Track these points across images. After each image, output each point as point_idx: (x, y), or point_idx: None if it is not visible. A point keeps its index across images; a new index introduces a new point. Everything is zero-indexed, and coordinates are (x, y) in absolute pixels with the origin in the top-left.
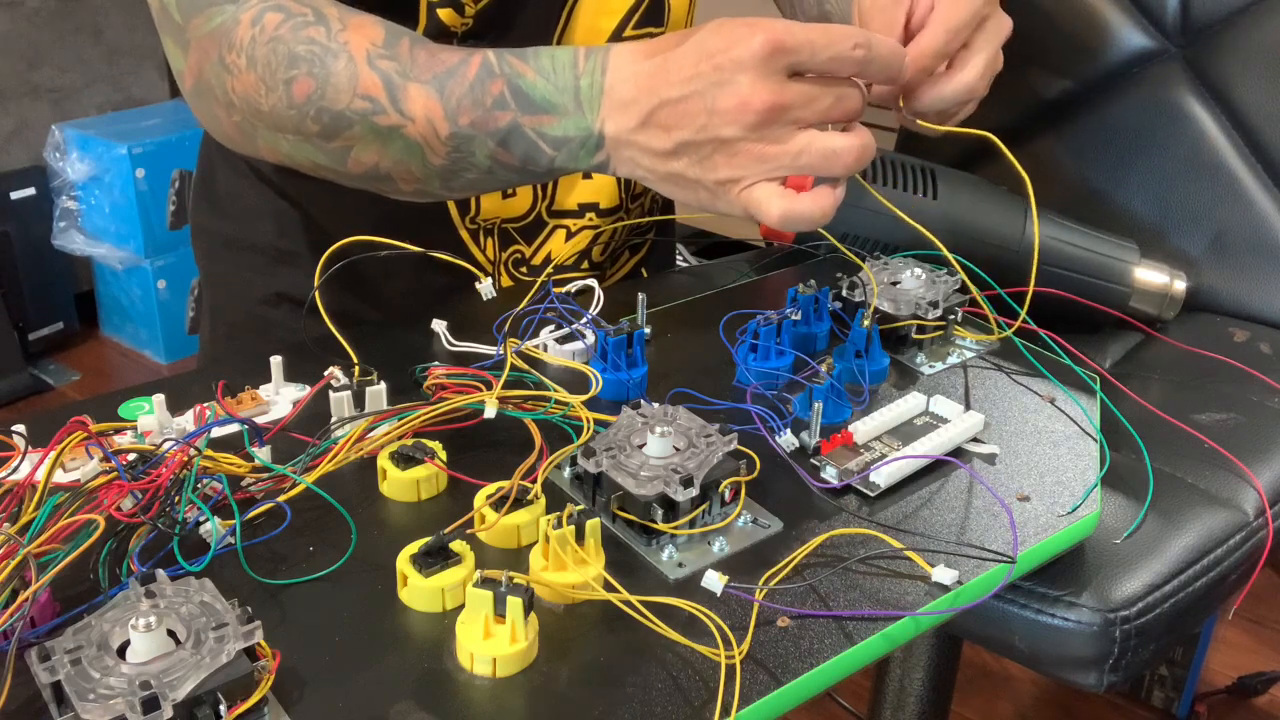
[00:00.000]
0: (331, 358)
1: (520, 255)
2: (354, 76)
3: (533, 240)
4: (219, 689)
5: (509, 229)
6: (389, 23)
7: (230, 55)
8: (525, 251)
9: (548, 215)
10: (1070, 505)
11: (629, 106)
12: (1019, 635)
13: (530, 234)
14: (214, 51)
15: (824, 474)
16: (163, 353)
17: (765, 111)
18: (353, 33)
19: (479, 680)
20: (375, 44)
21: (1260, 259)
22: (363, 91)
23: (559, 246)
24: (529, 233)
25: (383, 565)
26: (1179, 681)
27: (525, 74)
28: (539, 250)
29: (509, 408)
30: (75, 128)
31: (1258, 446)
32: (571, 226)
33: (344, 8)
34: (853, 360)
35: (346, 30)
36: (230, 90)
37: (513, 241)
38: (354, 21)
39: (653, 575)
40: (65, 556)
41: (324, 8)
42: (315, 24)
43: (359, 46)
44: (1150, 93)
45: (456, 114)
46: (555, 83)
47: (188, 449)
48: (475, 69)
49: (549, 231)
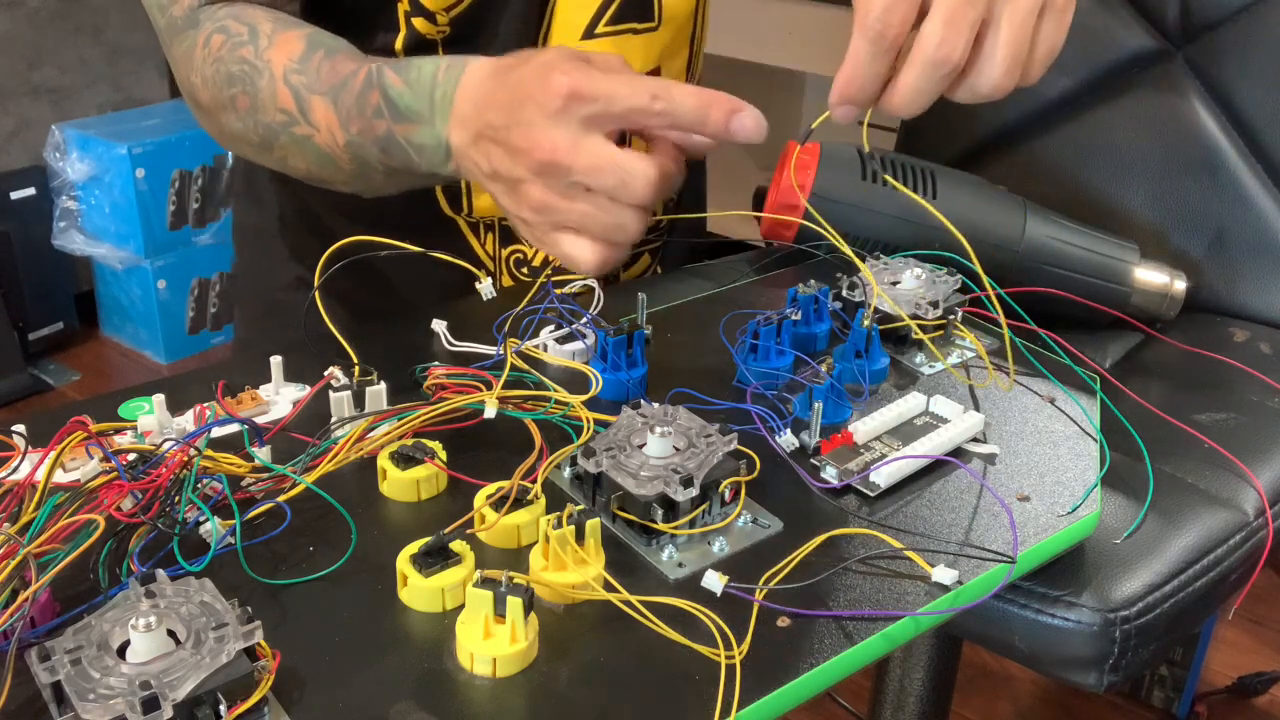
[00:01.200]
0: (331, 358)
1: (522, 255)
2: (274, 92)
3: None
4: (219, 689)
5: (510, 226)
6: (314, 36)
7: (193, 76)
8: (527, 252)
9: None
10: (1070, 505)
11: (465, 121)
12: (1019, 635)
13: None
14: (184, 72)
15: (824, 474)
16: (163, 353)
17: (546, 163)
18: (276, 50)
19: (479, 680)
20: (292, 59)
21: (1260, 259)
22: (280, 105)
23: None
24: None
25: (383, 565)
26: (1179, 681)
27: (395, 84)
28: (539, 251)
29: (509, 408)
30: (75, 128)
31: (1258, 446)
32: None
33: (279, 23)
34: (853, 360)
35: (272, 48)
36: (199, 106)
37: (514, 239)
38: (281, 38)
39: (653, 575)
40: (65, 556)
41: (260, 23)
42: (247, 43)
43: (279, 63)
44: (1151, 93)
45: (347, 123)
46: (417, 92)
47: (188, 449)
48: (360, 80)
49: None
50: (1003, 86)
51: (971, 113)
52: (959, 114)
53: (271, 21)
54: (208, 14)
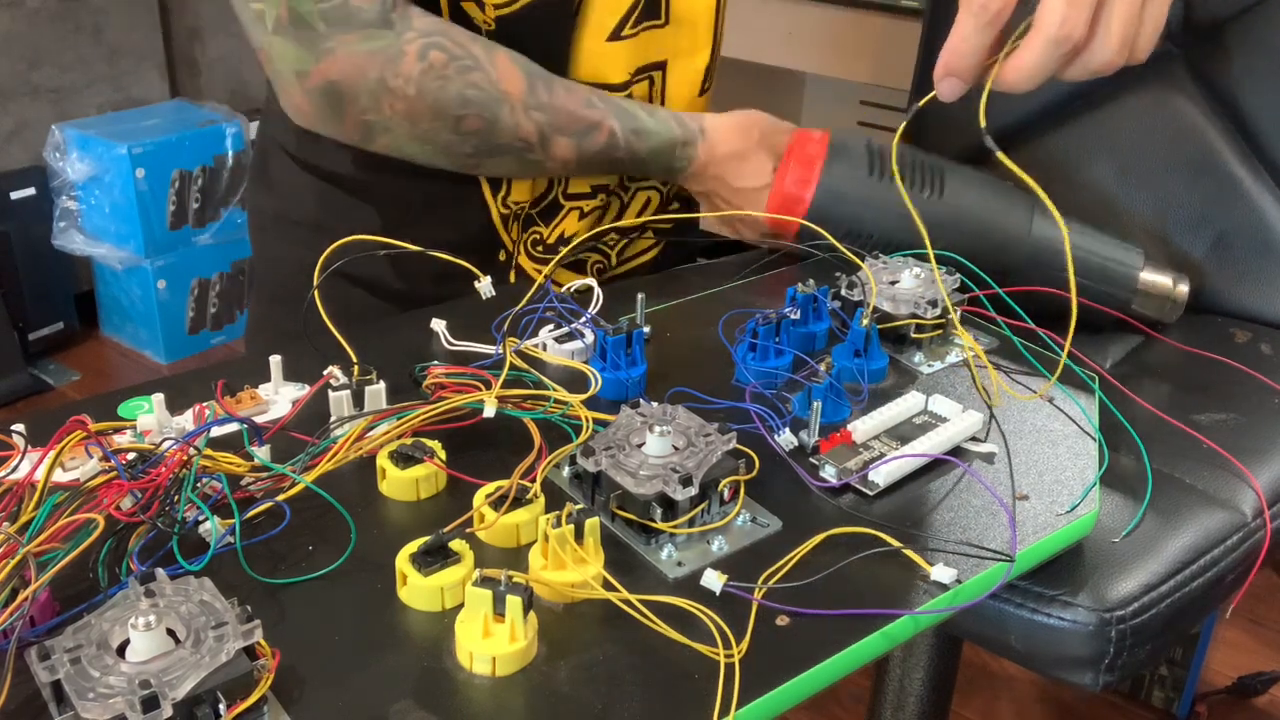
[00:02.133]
0: (331, 357)
1: (538, 236)
2: (515, 125)
3: (550, 221)
4: (218, 688)
5: (531, 213)
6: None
7: (396, 80)
8: (543, 232)
9: (564, 199)
10: (1069, 504)
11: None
12: (1015, 634)
13: (548, 216)
14: (374, 70)
15: (823, 473)
16: (162, 353)
17: None
18: (506, 82)
19: (478, 679)
20: (523, 93)
21: (1261, 260)
22: (522, 136)
23: (572, 225)
24: (546, 215)
25: (382, 564)
26: (1179, 681)
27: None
28: (554, 230)
29: (508, 407)
30: (75, 128)
31: (1257, 447)
32: (585, 207)
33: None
34: (852, 359)
35: (502, 80)
36: (388, 107)
37: (533, 224)
38: (500, 66)
39: (652, 574)
40: (65, 556)
41: (473, 49)
42: (475, 69)
43: (515, 96)
44: (1152, 94)
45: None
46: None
47: (187, 448)
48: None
49: (565, 213)
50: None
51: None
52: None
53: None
54: (403, 20)
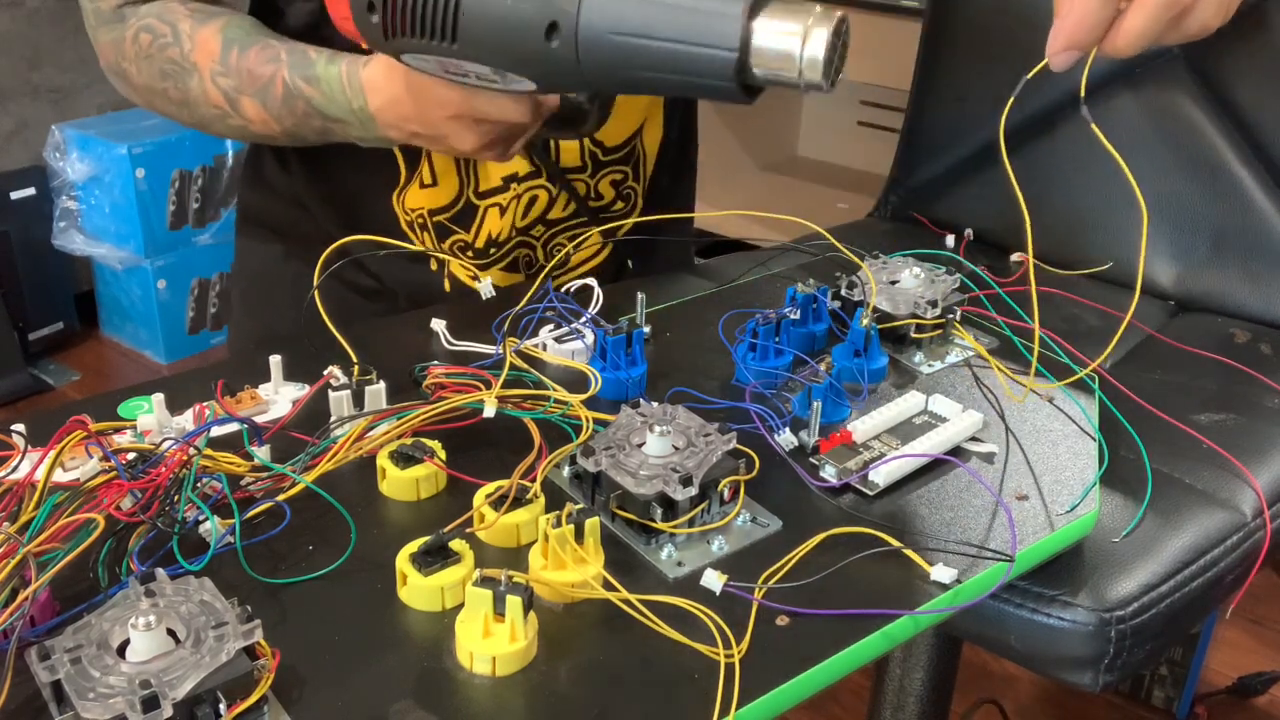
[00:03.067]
0: (331, 357)
1: (464, 241)
2: (204, 92)
3: (469, 226)
4: (219, 688)
5: (441, 221)
6: (227, 30)
7: (124, 63)
8: (466, 238)
9: (476, 198)
10: (1068, 504)
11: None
12: (1014, 634)
13: (464, 220)
14: (114, 57)
15: (823, 473)
16: (162, 353)
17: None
18: (198, 52)
19: (478, 679)
20: (214, 61)
21: (1260, 259)
22: (213, 103)
23: (495, 224)
24: (463, 219)
25: (382, 564)
26: (1179, 681)
27: (314, 96)
28: (479, 233)
29: (508, 407)
30: (75, 128)
31: (1257, 447)
32: (502, 202)
33: (196, 17)
34: (851, 359)
35: (195, 50)
36: (132, 85)
37: (450, 232)
38: (199, 38)
39: (652, 574)
40: (65, 555)
41: (179, 24)
42: (173, 44)
43: (204, 65)
44: (1151, 93)
45: (280, 118)
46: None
47: (187, 448)
48: (280, 87)
49: (482, 213)
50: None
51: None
52: (961, 116)
53: (189, 18)
54: (131, 11)
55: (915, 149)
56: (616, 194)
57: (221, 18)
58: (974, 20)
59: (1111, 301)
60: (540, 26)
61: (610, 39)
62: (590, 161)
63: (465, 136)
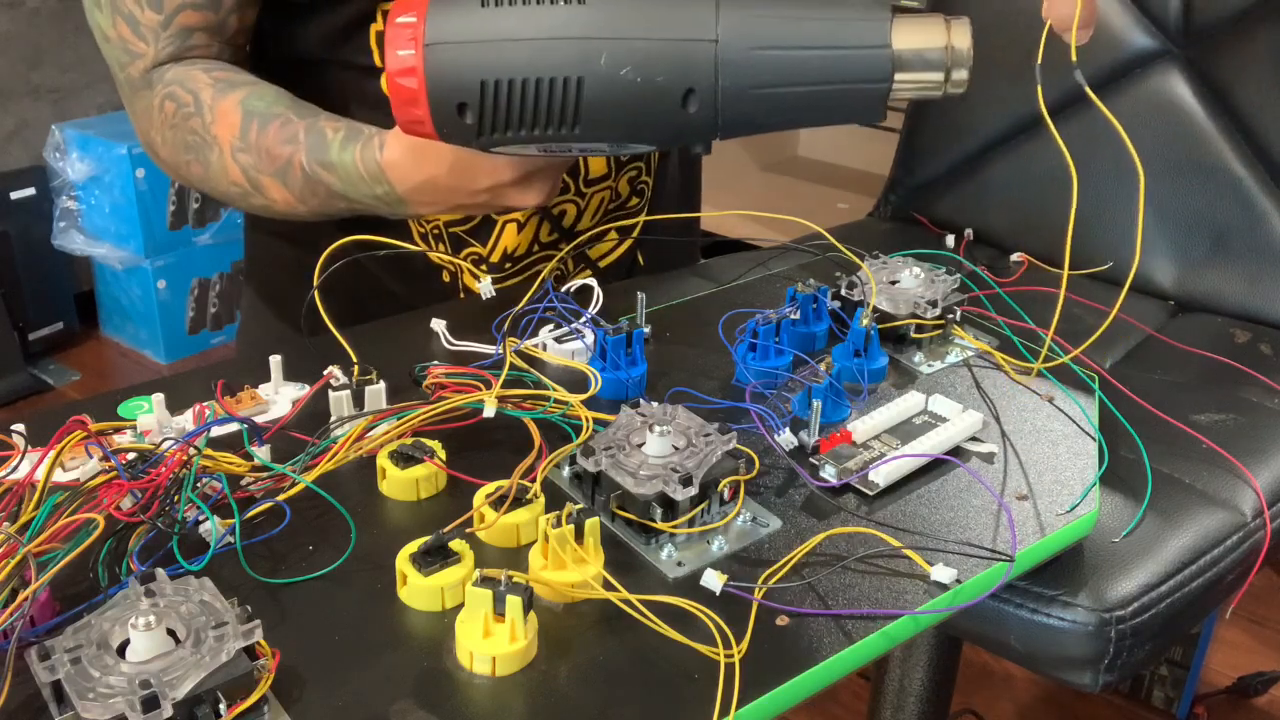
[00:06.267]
0: (331, 357)
1: (478, 255)
2: (224, 168)
3: (486, 240)
4: (218, 688)
5: (457, 232)
6: (247, 101)
7: (152, 132)
8: (482, 251)
9: (496, 214)
10: (1068, 504)
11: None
12: (1014, 635)
13: (482, 234)
14: (142, 127)
15: (823, 473)
16: (162, 353)
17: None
18: (219, 125)
19: (478, 679)
20: (234, 136)
21: (1260, 259)
22: (233, 180)
23: (512, 239)
24: (480, 233)
25: (382, 564)
26: (1179, 681)
27: (334, 183)
28: (495, 248)
29: (508, 407)
30: (75, 128)
31: (1257, 447)
32: (520, 219)
33: (217, 88)
34: (851, 359)
35: (216, 122)
36: (160, 159)
37: (465, 244)
38: (220, 110)
39: (652, 574)
40: (65, 555)
41: (201, 93)
42: (195, 114)
43: (225, 139)
44: (1152, 93)
45: (304, 200)
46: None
47: (187, 448)
48: (298, 171)
49: (500, 228)
50: None
51: (973, 115)
52: (961, 116)
53: (211, 88)
54: (158, 76)
55: (915, 149)
56: (632, 190)
57: (243, 88)
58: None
59: (1111, 301)
60: (676, 96)
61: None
62: (614, 166)
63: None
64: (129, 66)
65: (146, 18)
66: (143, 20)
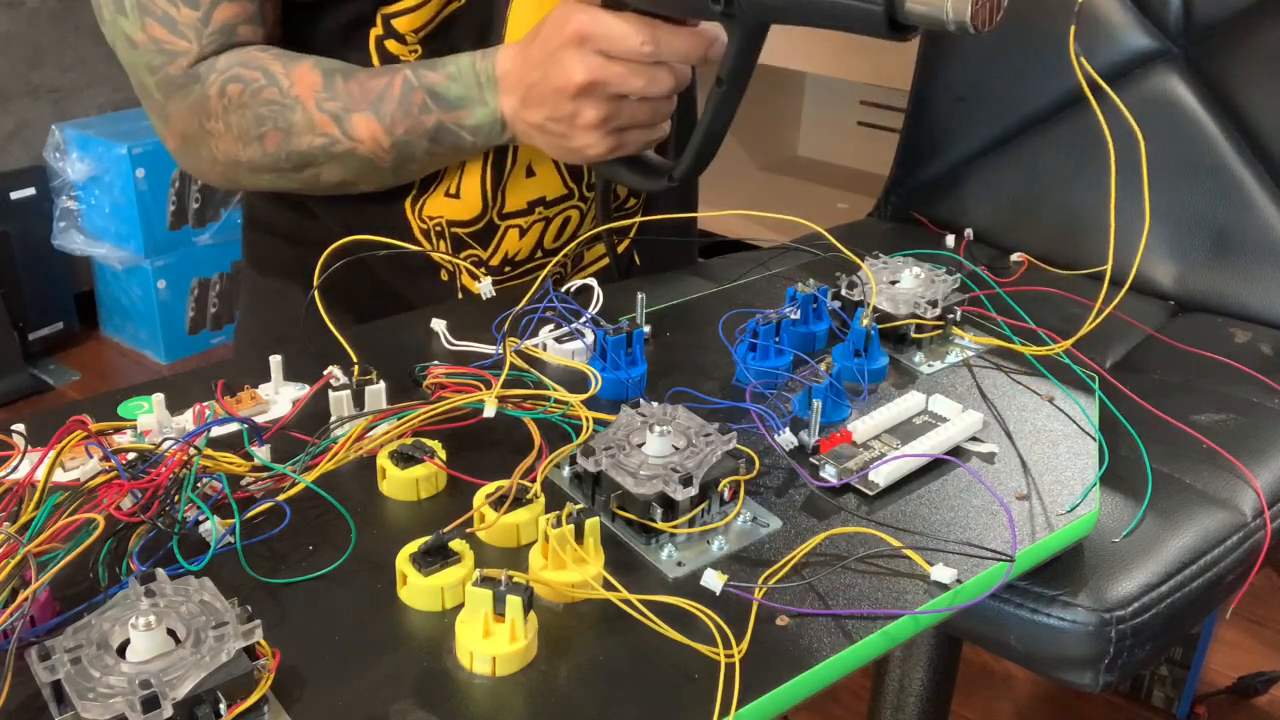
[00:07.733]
0: (331, 357)
1: (478, 258)
2: (310, 122)
3: (487, 244)
4: (219, 688)
5: (459, 234)
6: (322, 63)
7: (210, 123)
8: (482, 255)
9: (499, 219)
10: (1069, 504)
11: (512, 90)
12: (1014, 635)
13: (484, 238)
14: (194, 121)
15: (823, 473)
16: (162, 353)
17: (586, 84)
18: (299, 86)
19: (478, 679)
20: (318, 90)
21: (1260, 259)
22: (320, 130)
23: (514, 244)
24: (482, 237)
25: (382, 564)
26: (1179, 681)
27: (439, 81)
28: (495, 252)
29: (508, 407)
30: (75, 128)
31: (1257, 447)
32: (523, 224)
33: (284, 59)
34: (851, 359)
35: (295, 85)
36: (214, 150)
37: (466, 246)
38: (296, 74)
39: (652, 574)
40: (65, 556)
41: (269, 65)
42: (268, 85)
43: (308, 96)
44: (1152, 93)
45: (393, 128)
46: (463, 82)
47: (187, 448)
48: (399, 87)
49: (502, 233)
50: None
51: (973, 115)
52: (961, 116)
53: (278, 60)
54: (208, 67)
55: (915, 149)
56: (630, 191)
57: (309, 58)
58: None
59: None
60: None
61: None
62: None
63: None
64: (167, 66)
65: (184, 15)
66: (180, 18)
